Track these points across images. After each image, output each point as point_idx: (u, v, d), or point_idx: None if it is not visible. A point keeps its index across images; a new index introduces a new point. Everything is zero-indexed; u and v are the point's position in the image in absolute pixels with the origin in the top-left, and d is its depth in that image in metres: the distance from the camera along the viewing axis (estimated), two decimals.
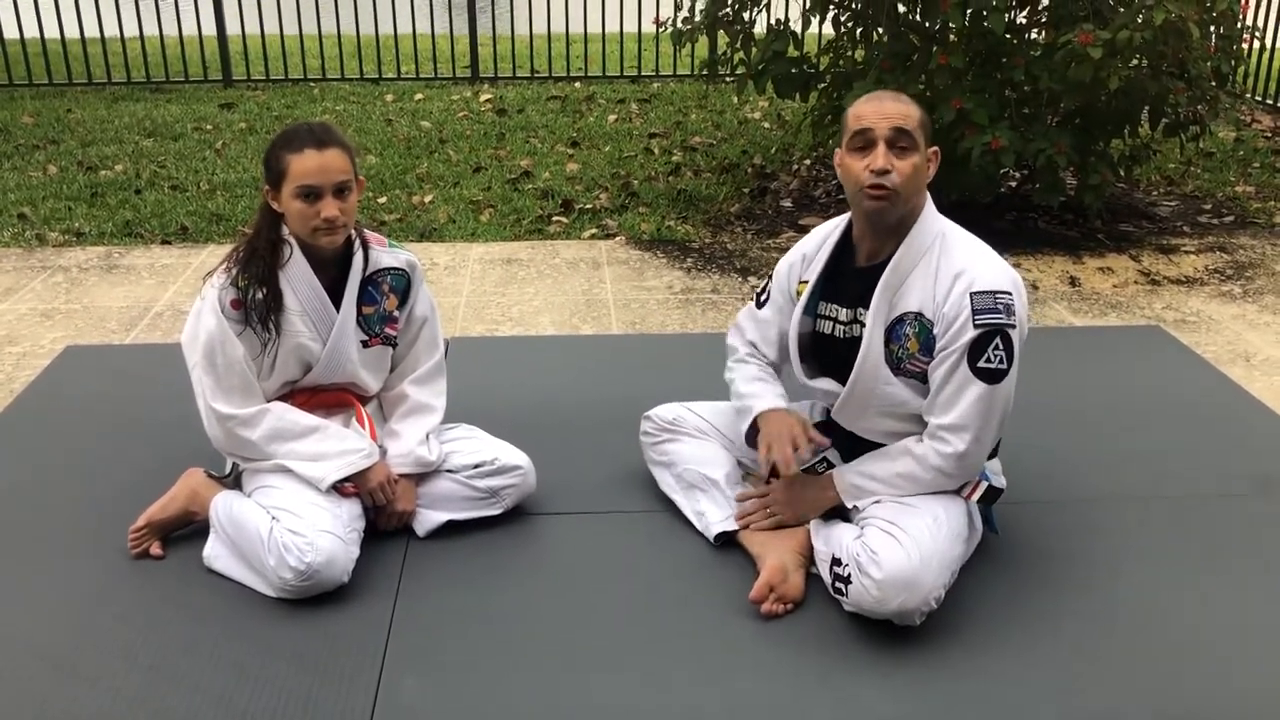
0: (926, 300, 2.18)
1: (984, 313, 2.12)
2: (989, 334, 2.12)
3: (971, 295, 2.13)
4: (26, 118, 6.63)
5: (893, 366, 2.23)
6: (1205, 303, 4.06)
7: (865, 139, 2.14)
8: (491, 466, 2.47)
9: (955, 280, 2.15)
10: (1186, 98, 4.41)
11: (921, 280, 2.19)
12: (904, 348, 2.21)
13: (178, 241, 4.66)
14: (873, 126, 2.12)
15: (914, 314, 2.19)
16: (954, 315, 2.13)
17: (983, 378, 2.14)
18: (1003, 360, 2.14)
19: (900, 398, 2.24)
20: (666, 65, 8.00)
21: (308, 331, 2.38)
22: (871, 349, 2.23)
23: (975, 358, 2.13)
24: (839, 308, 2.31)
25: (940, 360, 2.17)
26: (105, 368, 3.38)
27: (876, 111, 2.14)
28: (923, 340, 2.19)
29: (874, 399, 2.27)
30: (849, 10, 4.91)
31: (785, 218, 5.01)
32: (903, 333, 2.21)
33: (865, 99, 2.19)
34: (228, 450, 2.40)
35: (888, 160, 2.11)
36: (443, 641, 2.14)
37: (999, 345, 2.13)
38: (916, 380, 2.23)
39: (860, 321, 2.26)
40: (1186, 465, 2.80)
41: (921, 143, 2.15)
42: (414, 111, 6.91)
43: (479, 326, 3.80)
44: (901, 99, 2.18)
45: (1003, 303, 2.13)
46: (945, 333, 2.15)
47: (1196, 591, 2.29)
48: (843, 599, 2.16)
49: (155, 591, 2.27)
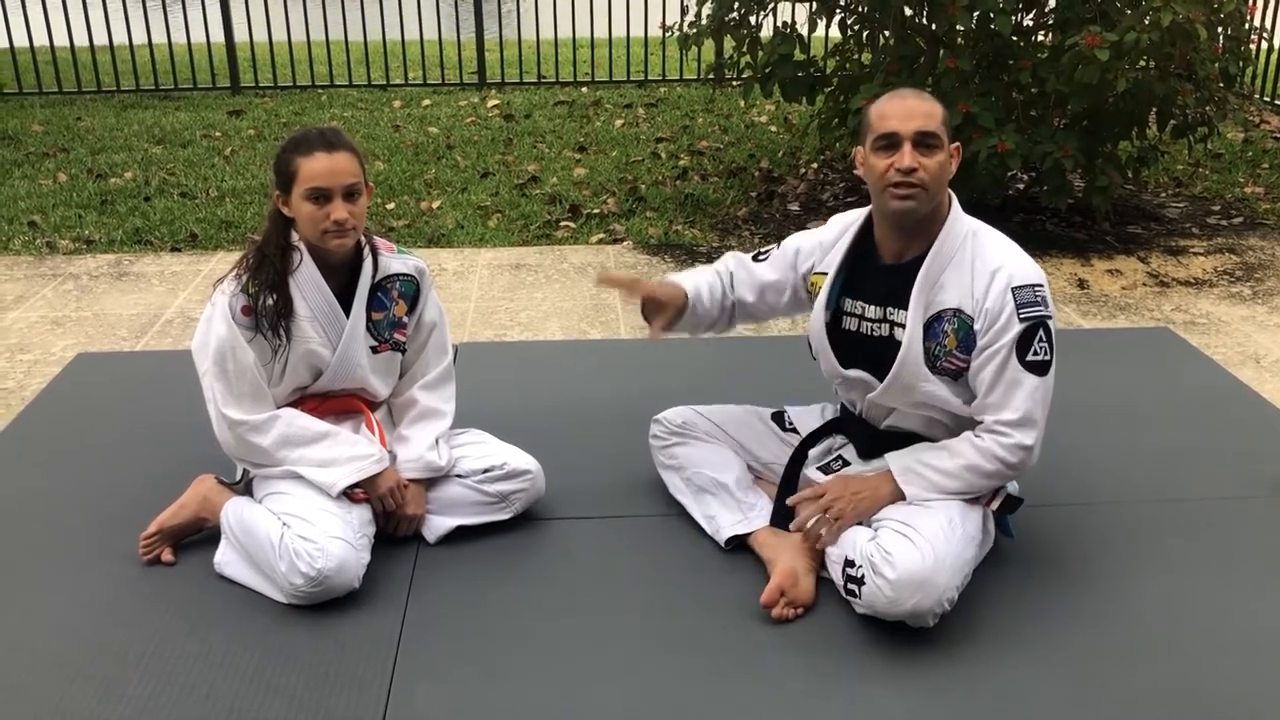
0: (965, 297, 2.18)
1: (1027, 306, 2.14)
2: (1034, 327, 2.14)
3: (1013, 290, 2.14)
4: (36, 126, 6.66)
5: (930, 365, 2.23)
6: (1215, 304, 4.05)
7: (890, 140, 2.14)
8: (501, 471, 2.47)
9: (994, 276, 2.16)
10: (1194, 99, 4.41)
11: (957, 277, 2.19)
12: (941, 345, 2.21)
13: (187, 249, 4.68)
14: (898, 129, 2.12)
15: (952, 310, 2.19)
16: (998, 311, 2.14)
17: (1033, 370, 2.15)
18: (1047, 352, 2.16)
19: (937, 395, 2.24)
20: (673, 70, 8.01)
21: (318, 337, 2.38)
22: (911, 348, 2.22)
23: (1023, 352, 2.14)
24: (866, 305, 2.31)
25: (987, 358, 2.16)
26: (116, 375, 3.39)
27: (901, 111, 2.14)
28: (961, 337, 2.19)
29: (910, 395, 2.27)
30: (855, 13, 4.92)
31: (793, 221, 5.02)
32: (941, 330, 2.21)
33: (888, 98, 2.19)
34: (238, 456, 2.40)
35: (915, 159, 2.12)
36: (453, 647, 2.14)
37: (1043, 338, 2.15)
38: (950, 378, 2.23)
39: (891, 320, 2.26)
40: (1198, 468, 2.79)
41: (945, 139, 2.16)
42: (422, 117, 6.93)
43: (487, 331, 3.81)
44: (924, 97, 2.18)
45: (1040, 295, 2.16)
46: (989, 329, 2.15)
47: (1209, 595, 2.28)
48: (855, 600, 2.15)
49: (166, 598, 2.28)
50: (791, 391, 2.73)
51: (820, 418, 2.55)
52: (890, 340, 2.26)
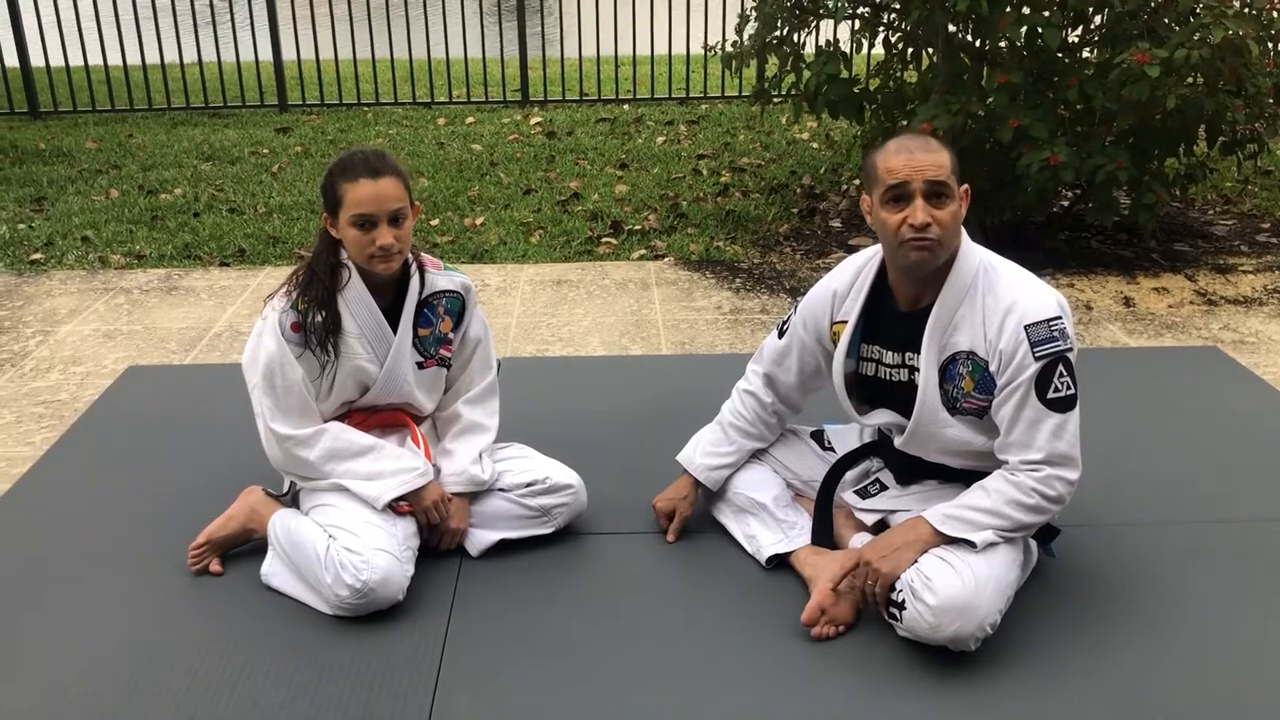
0: (977, 339, 2.15)
1: (1042, 344, 2.08)
2: (1052, 364, 2.09)
3: (1026, 329, 2.09)
4: (90, 143, 6.81)
5: (949, 407, 2.20)
6: (1264, 323, 3.99)
7: (900, 192, 2.09)
8: (543, 485, 2.49)
9: (1006, 316, 2.11)
10: (1244, 115, 4.35)
11: (969, 318, 2.16)
12: (959, 388, 2.19)
13: (235, 264, 4.76)
14: (908, 180, 2.08)
15: (965, 353, 2.16)
16: (1012, 351, 2.09)
17: (1055, 408, 2.09)
18: (1069, 386, 2.10)
19: (962, 438, 2.22)
20: (714, 87, 8.03)
21: (365, 354, 2.41)
22: (928, 394, 2.20)
23: (1044, 389, 2.09)
24: (884, 350, 2.30)
25: (1006, 397, 2.12)
26: (166, 387, 3.45)
27: (909, 165, 2.08)
28: (977, 379, 2.16)
29: (935, 439, 2.25)
30: (900, 31, 4.91)
31: (835, 238, 5.01)
32: (956, 372, 2.19)
33: (894, 149, 2.13)
34: (285, 469, 2.44)
35: (927, 213, 2.08)
36: (496, 659, 2.16)
37: (1063, 373, 2.10)
38: (974, 417, 2.20)
39: (910, 365, 2.25)
40: (1248, 489, 2.75)
41: (955, 187, 2.12)
42: (465, 134, 7.00)
43: (529, 347, 3.84)
44: (930, 145, 2.12)
45: (1057, 329, 2.10)
46: (1005, 369, 2.11)
47: (1258, 619, 2.25)
48: (897, 624, 2.14)
49: (214, 607, 2.32)
50: (831, 409, 2.72)
51: (859, 438, 2.54)
52: (911, 385, 2.24)
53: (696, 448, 2.57)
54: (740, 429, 2.54)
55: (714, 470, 2.53)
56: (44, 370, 3.66)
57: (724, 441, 2.54)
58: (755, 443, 2.55)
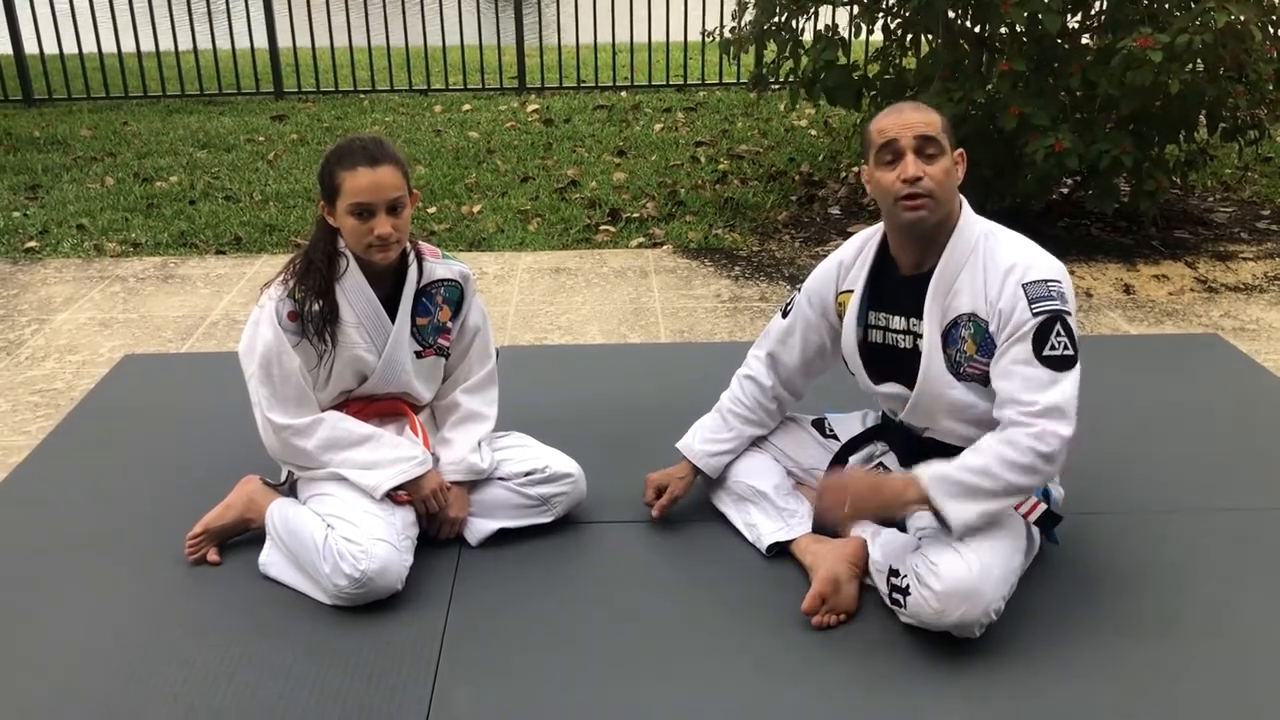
0: (978, 300, 2.16)
1: (1040, 300, 2.09)
2: (1049, 321, 2.09)
3: (1024, 286, 2.10)
4: (85, 130, 6.77)
5: (954, 371, 2.21)
6: (1265, 310, 3.98)
7: (892, 151, 2.13)
8: (543, 474, 2.48)
9: (1006, 275, 2.13)
10: (1245, 101, 4.33)
11: (970, 281, 2.17)
12: (961, 351, 2.19)
13: (232, 252, 4.73)
14: (897, 137, 2.11)
15: (967, 315, 2.17)
16: (1010, 308, 2.10)
17: (1053, 365, 2.08)
18: (1067, 346, 2.09)
19: (966, 401, 2.21)
20: (712, 74, 8.00)
21: (363, 343, 2.40)
22: (932, 358, 2.21)
23: (1040, 346, 2.09)
24: (890, 316, 2.30)
25: (1003, 352, 2.11)
26: (162, 376, 3.43)
27: (899, 123, 2.13)
28: (979, 341, 2.17)
29: (940, 405, 2.24)
30: (899, 17, 4.88)
31: (833, 225, 4.99)
32: (958, 336, 2.19)
33: (885, 112, 2.18)
34: (283, 459, 2.42)
35: (918, 168, 2.10)
36: (495, 648, 2.15)
37: (1060, 332, 2.09)
38: (978, 383, 2.20)
39: (914, 332, 2.25)
40: (1249, 476, 2.74)
41: (948, 146, 2.14)
42: (462, 122, 6.97)
43: (528, 335, 3.82)
44: (920, 107, 2.17)
45: (1055, 289, 2.10)
46: (1004, 327, 2.11)
47: (1260, 607, 2.24)
48: (900, 610, 2.14)
49: (211, 598, 2.30)
50: (831, 398, 2.71)
51: (861, 424, 2.54)
52: (916, 351, 2.24)
53: (696, 435, 2.56)
54: (740, 415, 2.53)
55: (713, 457, 2.52)
56: (40, 359, 3.64)
57: (723, 428, 2.54)
58: (755, 429, 2.55)
